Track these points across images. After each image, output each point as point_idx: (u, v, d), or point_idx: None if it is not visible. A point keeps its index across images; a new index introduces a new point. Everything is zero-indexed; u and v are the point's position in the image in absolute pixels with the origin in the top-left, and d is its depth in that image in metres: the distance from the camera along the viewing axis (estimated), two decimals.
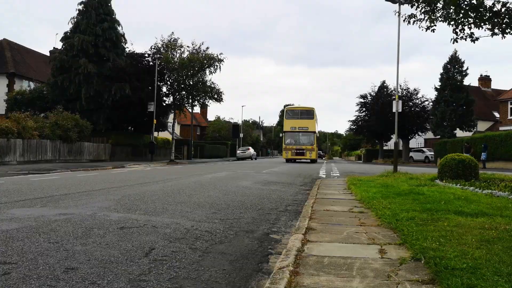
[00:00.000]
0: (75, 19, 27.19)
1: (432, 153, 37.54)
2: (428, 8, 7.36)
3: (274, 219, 5.43)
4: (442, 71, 36.06)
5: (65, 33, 27.26)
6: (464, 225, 4.29)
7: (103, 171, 14.97)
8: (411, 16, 7.73)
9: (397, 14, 11.33)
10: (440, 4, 7.25)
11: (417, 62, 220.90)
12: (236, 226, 4.74)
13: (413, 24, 7.78)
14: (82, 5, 27.21)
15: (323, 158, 68.50)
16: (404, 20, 7.94)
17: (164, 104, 30.67)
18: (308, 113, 33.78)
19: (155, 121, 27.19)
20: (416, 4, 7.53)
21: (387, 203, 6.05)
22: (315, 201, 6.82)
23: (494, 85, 50.42)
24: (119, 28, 28.71)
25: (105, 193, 7.31)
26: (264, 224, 4.99)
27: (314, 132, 33.10)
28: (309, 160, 32.91)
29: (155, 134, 30.96)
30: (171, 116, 34.50)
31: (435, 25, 7.71)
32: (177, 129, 50.49)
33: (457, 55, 35.68)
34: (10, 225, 4.29)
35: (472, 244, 3.46)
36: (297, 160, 33.79)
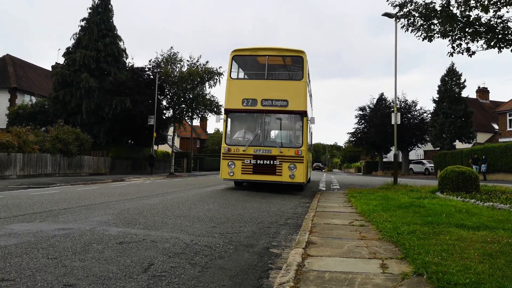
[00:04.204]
0: (77, 35, 27.57)
1: (432, 165, 37.47)
2: (425, 23, 7.49)
3: (274, 232, 5.39)
4: (440, 83, 36.33)
5: (67, 48, 27.59)
6: (466, 239, 4.26)
7: (102, 185, 14.91)
8: (410, 24, 7.86)
9: (397, 23, 11.49)
10: (437, 21, 7.38)
11: (418, 74, 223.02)
12: (236, 240, 4.70)
13: (411, 32, 7.91)
14: (85, 22, 27.62)
15: (323, 171, 68.28)
16: (402, 27, 8.07)
17: (164, 117, 30.80)
18: (291, 68, 14.45)
19: (155, 134, 27.27)
20: (412, 19, 7.67)
21: (388, 216, 6.02)
22: (315, 214, 6.78)
23: (492, 97, 50.74)
24: (121, 43, 29.08)
25: (104, 207, 7.27)
26: (264, 238, 4.95)
27: (304, 112, 12.45)
28: (284, 182, 12.13)
29: (155, 147, 30.98)
30: (171, 129, 34.60)
31: (433, 35, 7.84)
32: (177, 142, 50.56)
33: (454, 67, 36.01)
34: (8, 240, 4.25)
35: (475, 258, 3.43)
36: (262, 182, 12.45)
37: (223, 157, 12.46)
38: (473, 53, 7.72)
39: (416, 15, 7.66)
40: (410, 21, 7.74)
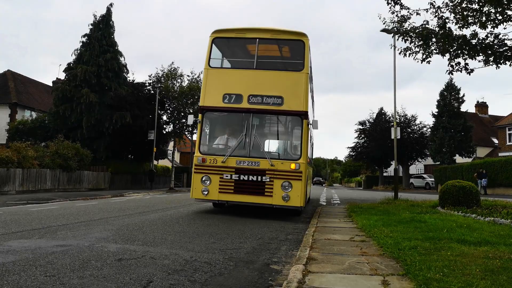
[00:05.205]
0: (79, 51, 27.91)
1: (433, 179, 37.36)
2: (422, 42, 7.59)
3: (275, 248, 5.35)
4: (439, 97, 36.60)
5: (69, 64, 27.88)
6: (467, 254, 4.23)
7: (102, 200, 14.83)
8: (407, 49, 7.97)
9: (395, 40, 11.63)
10: (433, 39, 7.48)
11: (417, 88, 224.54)
12: (236, 257, 4.66)
13: (409, 56, 8.00)
14: (86, 37, 28.00)
15: (323, 185, 68.05)
16: (400, 53, 8.17)
17: (164, 132, 30.87)
18: (288, 55, 11.30)
19: (155, 149, 27.28)
20: (409, 39, 7.78)
21: (389, 231, 5.98)
22: (316, 230, 6.74)
23: (491, 111, 51.07)
24: (121, 59, 29.41)
25: (103, 223, 7.23)
26: (264, 254, 4.91)
27: (305, 114, 9.44)
28: (275, 206, 8.92)
29: (155, 162, 30.93)
30: (171, 144, 34.62)
31: (431, 57, 7.92)
32: (177, 157, 50.52)
33: (453, 82, 36.33)
34: (6, 257, 4.22)
35: (477, 274, 3.40)
36: (246, 204, 9.41)
37: (196, 170, 9.44)
38: (472, 70, 7.77)
39: (413, 35, 7.78)
40: (407, 41, 7.85)
